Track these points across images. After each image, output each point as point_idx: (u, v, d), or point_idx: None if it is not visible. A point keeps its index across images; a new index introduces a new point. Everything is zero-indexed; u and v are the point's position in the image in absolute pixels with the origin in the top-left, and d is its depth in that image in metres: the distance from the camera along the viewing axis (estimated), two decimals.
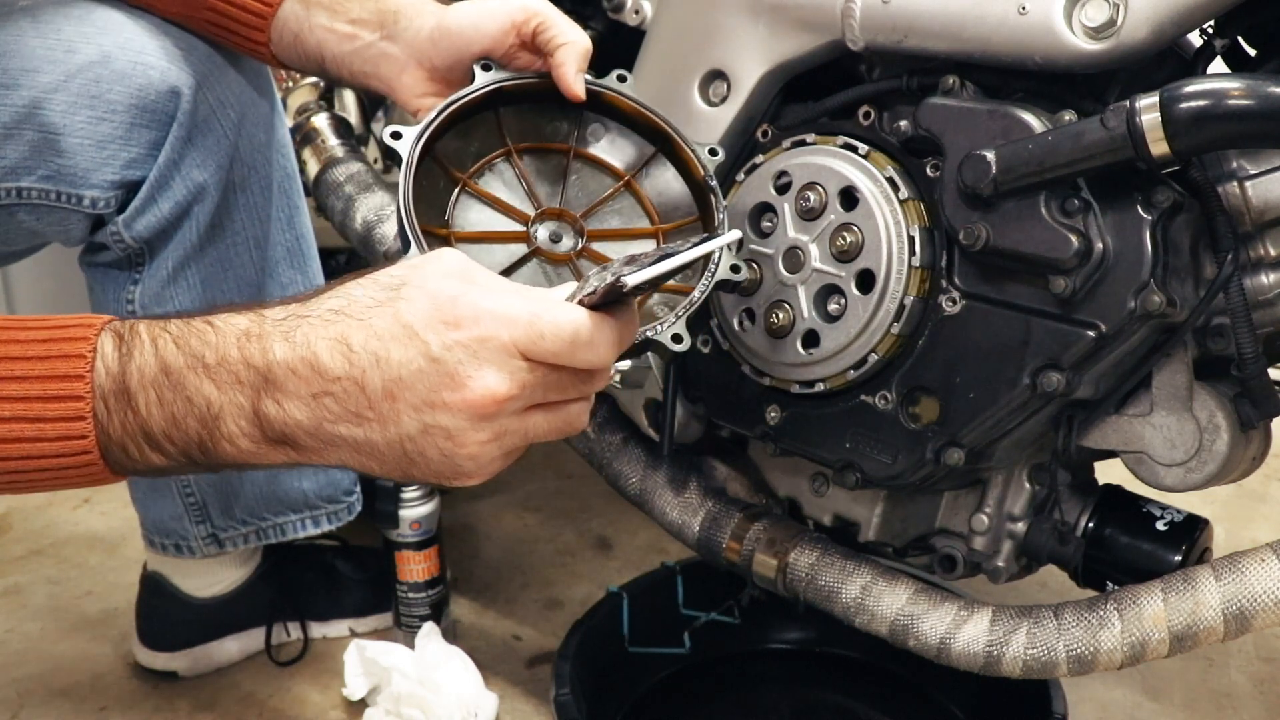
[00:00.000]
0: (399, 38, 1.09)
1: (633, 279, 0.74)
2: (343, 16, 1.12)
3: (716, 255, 1.01)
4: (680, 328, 0.96)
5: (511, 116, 1.08)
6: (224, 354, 0.78)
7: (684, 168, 1.10)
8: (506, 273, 1.00)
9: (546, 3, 1.06)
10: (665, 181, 1.11)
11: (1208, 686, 1.48)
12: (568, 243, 1.04)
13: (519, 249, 1.03)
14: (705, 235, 0.86)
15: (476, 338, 0.75)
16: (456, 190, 1.04)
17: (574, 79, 1.04)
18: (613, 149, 1.10)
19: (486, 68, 1.05)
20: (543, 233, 1.04)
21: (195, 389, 0.78)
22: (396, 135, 0.99)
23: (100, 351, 0.79)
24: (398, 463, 0.78)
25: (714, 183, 1.07)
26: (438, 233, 1.00)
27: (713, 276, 1.00)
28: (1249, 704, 1.46)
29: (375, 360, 0.75)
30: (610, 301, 0.78)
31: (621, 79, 1.09)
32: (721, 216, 1.06)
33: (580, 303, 0.78)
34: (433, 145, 1.02)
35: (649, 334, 0.95)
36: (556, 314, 0.76)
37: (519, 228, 1.04)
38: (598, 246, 1.05)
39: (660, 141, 1.10)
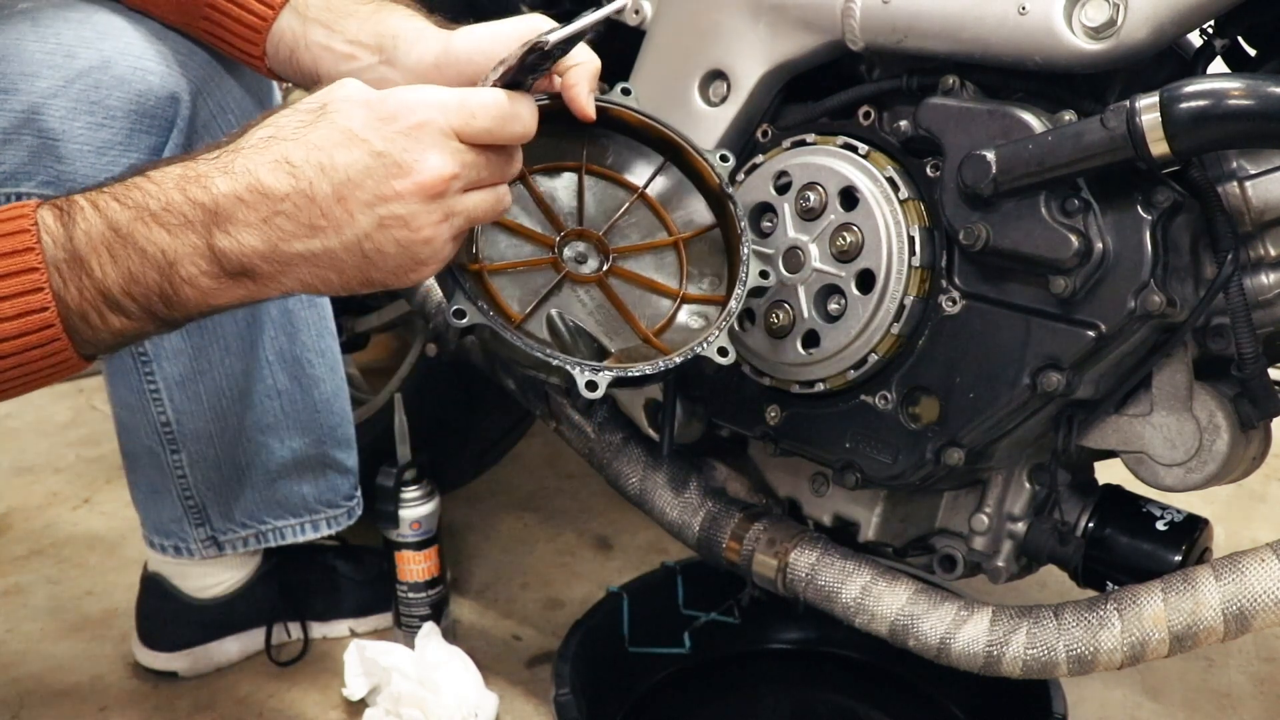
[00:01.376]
0: (399, 63, 1.06)
1: (554, 36, 0.84)
2: (340, 36, 1.09)
3: (745, 266, 1.03)
4: (724, 340, 0.99)
5: (600, 139, 1.07)
6: (168, 200, 0.80)
7: (696, 176, 1.09)
8: (541, 303, 1.00)
9: (550, 21, 1.03)
10: (674, 190, 1.09)
11: (1208, 686, 1.48)
12: (593, 263, 1.04)
13: (550, 276, 1.01)
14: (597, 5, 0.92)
15: (415, 124, 0.81)
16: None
17: (586, 100, 1.01)
18: (622, 162, 1.09)
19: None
20: (568, 254, 1.03)
21: (146, 239, 0.79)
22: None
23: (42, 224, 0.79)
24: (357, 267, 0.82)
25: (730, 190, 1.06)
26: (470, 268, 0.98)
27: (744, 285, 1.02)
28: (1249, 704, 1.46)
29: (320, 169, 0.79)
30: (518, 81, 0.88)
31: (626, 92, 1.07)
32: (742, 224, 1.05)
33: (495, 84, 0.87)
34: None
35: (696, 350, 0.98)
36: (482, 95, 0.84)
37: (546, 254, 1.02)
38: (624, 263, 1.04)
39: (669, 151, 1.09)
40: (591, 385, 0.93)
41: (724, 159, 1.09)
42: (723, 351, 0.99)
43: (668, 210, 1.08)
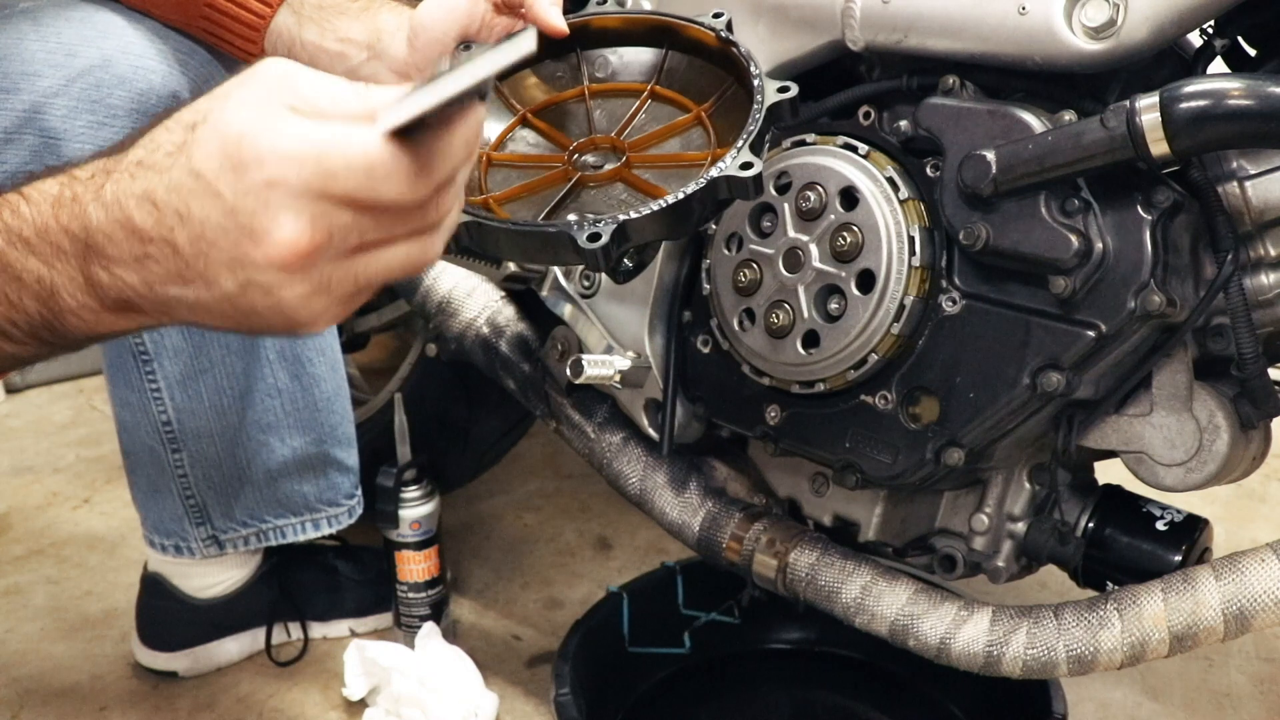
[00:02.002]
0: (385, 56, 1.07)
1: (384, 122, 0.64)
2: (332, 34, 1.09)
3: (759, 86, 0.94)
4: (747, 155, 0.89)
5: (513, 84, 1.05)
6: (41, 224, 0.72)
7: (698, 47, 1.03)
8: (557, 209, 0.92)
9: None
10: (687, 72, 1.04)
11: (1208, 686, 1.48)
12: (610, 165, 0.98)
13: (562, 187, 0.96)
14: (505, 38, 0.71)
15: (265, 182, 0.65)
16: (513, 122, 1.01)
17: (549, 13, 0.99)
18: (626, 72, 1.06)
19: (467, 47, 1.00)
20: (584, 159, 0.99)
21: (22, 266, 0.72)
22: (466, 46, 0.98)
23: None
24: (235, 320, 0.71)
25: (729, 35, 1.00)
26: (473, 201, 0.94)
27: (762, 99, 0.93)
28: (1249, 704, 1.46)
29: (179, 218, 0.68)
30: (418, 125, 0.66)
31: (717, 15, 1.02)
32: (756, 70, 0.97)
33: (385, 130, 0.66)
34: (501, 80, 1.00)
35: (714, 173, 0.87)
36: (348, 147, 0.65)
37: (559, 153, 0.99)
38: (647, 153, 0.99)
39: (666, 39, 1.04)
40: (594, 236, 0.84)
41: (716, 15, 1.02)
42: (746, 165, 0.88)
43: (686, 94, 1.03)
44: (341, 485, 1.48)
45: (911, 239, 1.06)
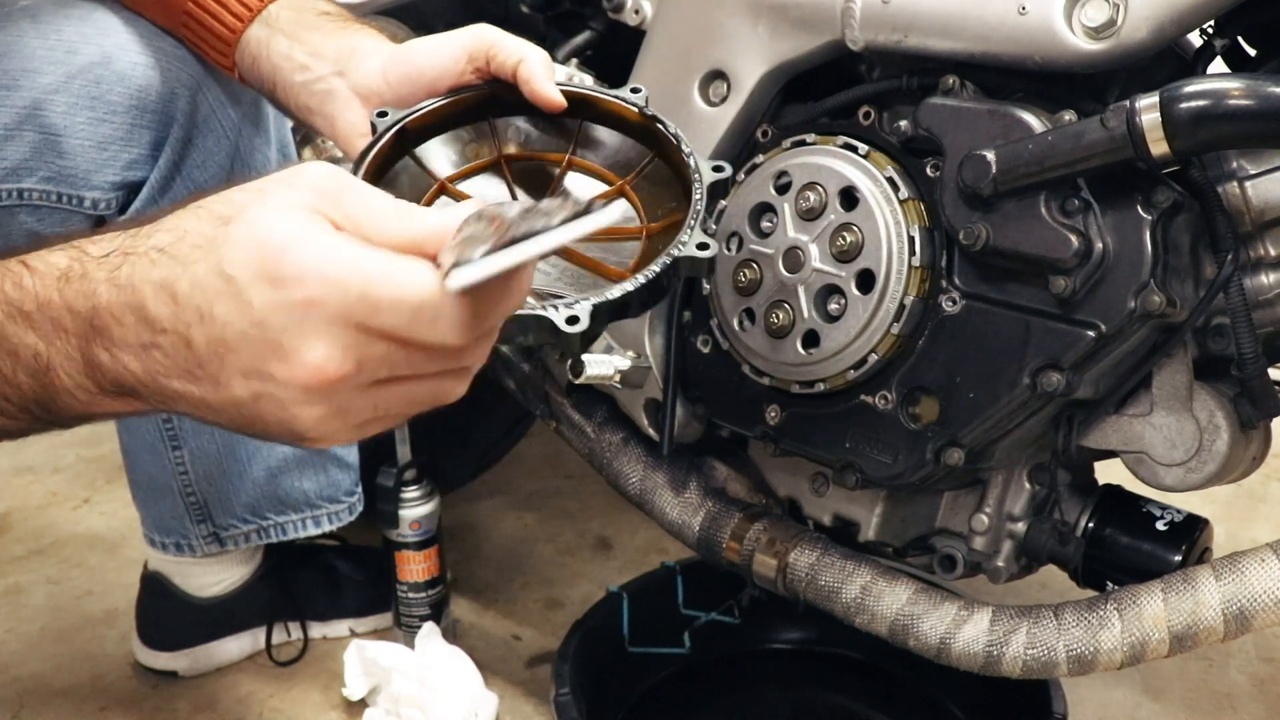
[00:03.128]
0: (350, 75, 1.05)
1: (452, 282, 0.62)
2: (302, 47, 1.08)
3: (693, 166, 0.95)
4: (700, 236, 0.90)
5: (508, 127, 1.05)
6: (44, 299, 0.69)
7: (617, 120, 1.04)
8: None
9: (497, 29, 1.02)
10: (604, 144, 1.05)
11: (1208, 686, 1.48)
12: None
13: None
14: (588, 206, 0.72)
15: (302, 302, 0.62)
16: (432, 192, 1.00)
17: (544, 86, 0.98)
18: (538, 139, 1.05)
19: (382, 114, 0.97)
20: None
21: (19, 340, 0.69)
22: (383, 114, 0.97)
23: None
24: (240, 423, 0.69)
25: (653, 112, 1.00)
26: None
27: (701, 182, 0.95)
28: (1249, 704, 1.46)
29: (199, 316, 0.65)
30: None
31: (635, 91, 1.03)
32: (676, 135, 0.98)
33: (439, 270, 0.64)
34: (414, 145, 0.99)
35: (674, 253, 0.89)
36: (398, 283, 0.63)
37: None
38: (578, 247, 0.98)
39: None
40: (573, 320, 0.83)
41: (635, 90, 1.03)
42: (703, 246, 0.89)
43: (603, 166, 1.04)
44: (342, 482, 1.48)
45: (911, 239, 1.06)
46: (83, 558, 1.80)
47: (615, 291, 0.86)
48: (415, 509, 1.50)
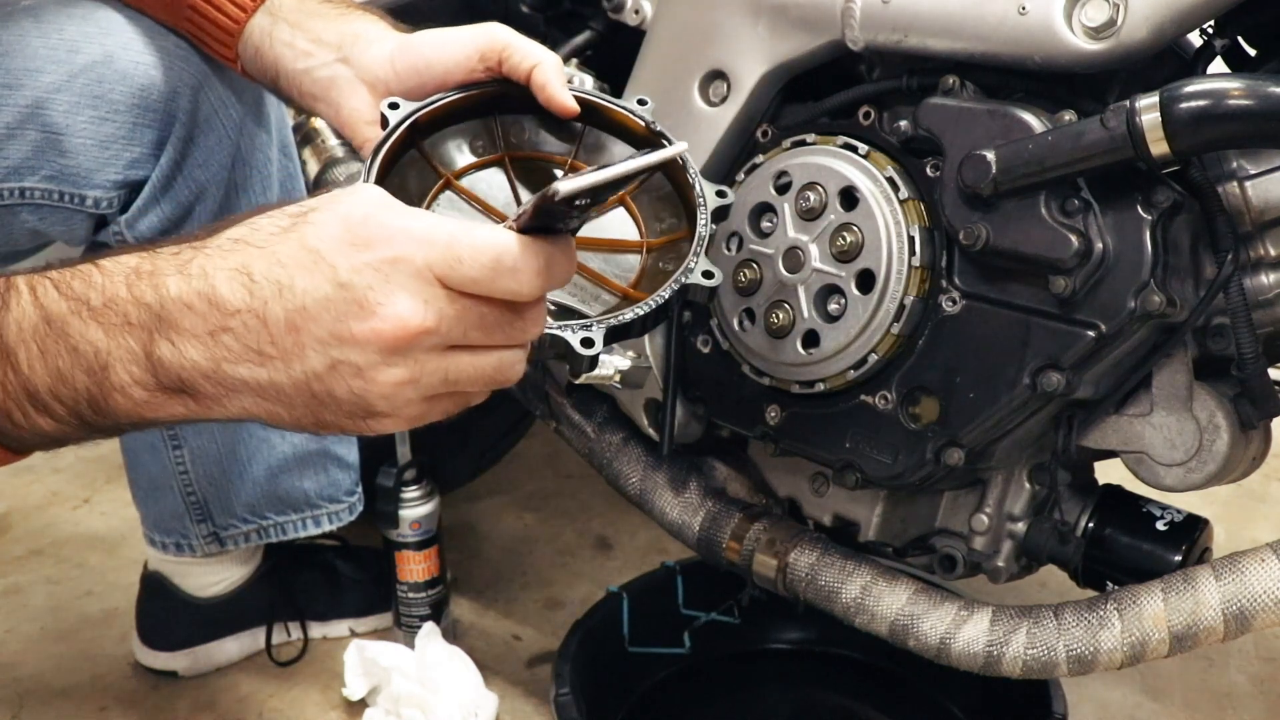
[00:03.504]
0: (355, 61, 1.04)
1: (564, 186, 0.67)
2: (304, 34, 1.07)
3: (699, 191, 0.98)
4: (705, 264, 0.93)
5: (513, 125, 1.05)
6: (111, 294, 0.70)
7: (621, 130, 1.05)
8: None
9: (510, 30, 1.02)
10: (606, 150, 1.06)
11: (1208, 686, 1.48)
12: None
13: None
14: (647, 149, 0.78)
15: (388, 259, 0.67)
16: (438, 187, 1.00)
17: (559, 92, 0.99)
18: (542, 140, 1.05)
19: (394, 106, 0.98)
20: None
21: (80, 335, 0.70)
22: (394, 105, 0.97)
23: None
24: (307, 406, 0.71)
25: (659, 127, 1.02)
26: None
27: (705, 208, 0.97)
28: (1249, 704, 1.46)
29: (278, 289, 0.68)
30: (542, 226, 0.72)
31: (642, 103, 1.04)
32: (693, 172, 1.00)
33: (510, 227, 0.71)
34: (422, 137, 0.99)
35: (682, 279, 0.92)
36: (477, 235, 0.69)
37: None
38: (580, 257, 0.98)
39: (587, 117, 1.04)
40: (587, 342, 0.85)
41: (641, 102, 1.04)
42: (708, 274, 0.93)
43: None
44: (342, 482, 1.48)
45: (911, 239, 1.06)
46: (83, 558, 1.80)
47: (627, 315, 0.89)
48: (415, 509, 1.50)
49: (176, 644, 1.51)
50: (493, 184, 1.02)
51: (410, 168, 0.99)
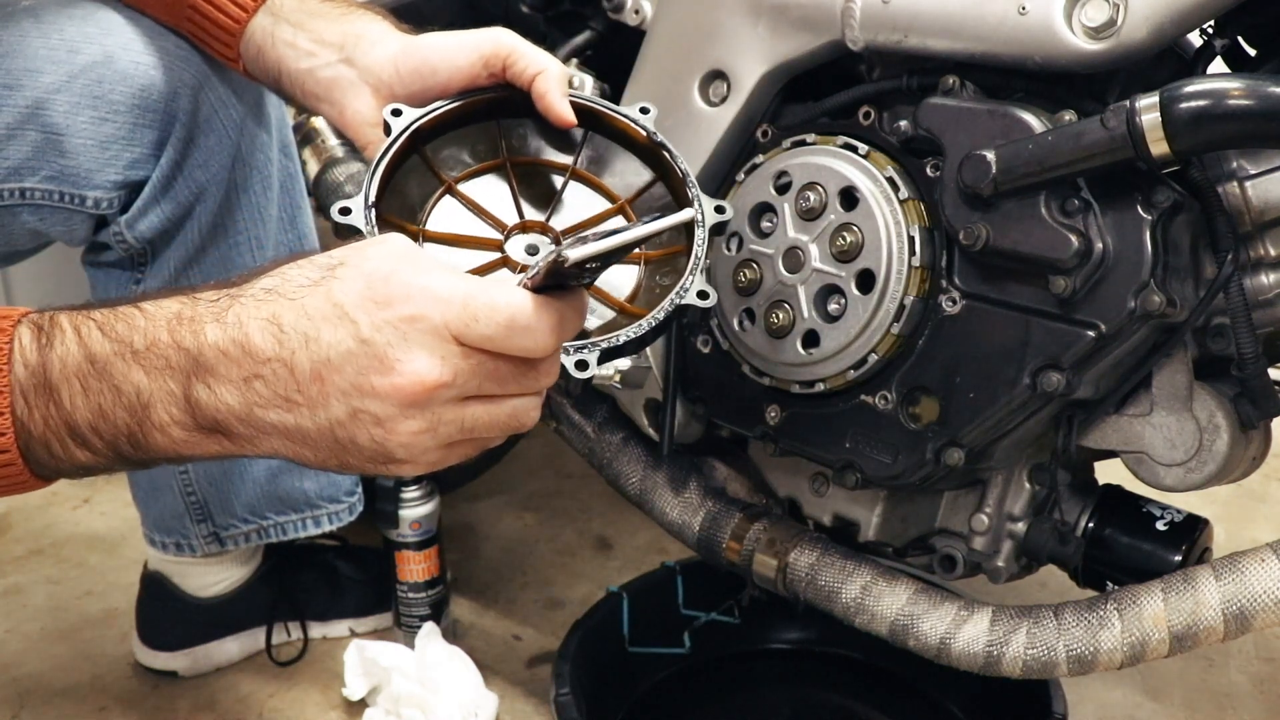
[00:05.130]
0: (358, 61, 1.04)
1: (574, 254, 0.71)
2: (307, 34, 1.07)
3: (697, 205, 0.99)
4: (701, 284, 0.94)
5: (515, 130, 1.05)
6: (154, 338, 0.75)
7: (623, 138, 1.05)
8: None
9: (515, 35, 1.02)
10: (608, 158, 1.06)
11: (1208, 686, 1.48)
12: (545, 251, 0.99)
13: (488, 256, 0.98)
14: (656, 215, 0.81)
15: (406, 317, 0.72)
16: (439, 192, 1.00)
17: (558, 102, 0.99)
18: (543, 147, 1.05)
19: (396, 113, 0.98)
20: (516, 244, 0.99)
21: (123, 376, 0.75)
22: (397, 113, 0.97)
23: (18, 343, 0.75)
24: (331, 450, 0.75)
25: (660, 138, 1.03)
26: (408, 228, 0.96)
27: (704, 224, 0.98)
28: (1249, 704, 1.46)
29: (305, 341, 0.72)
30: (554, 285, 0.75)
31: (644, 111, 1.05)
32: (683, 167, 1.01)
33: (523, 286, 0.74)
34: (424, 143, 0.99)
35: (677, 300, 0.93)
36: (493, 295, 0.72)
37: (494, 235, 0.99)
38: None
39: (588, 120, 1.05)
40: (581, 365, 0.87)
41: (644, 110, 1.05)
42: (703, 295, 0.94)
43: (605, 179, 1.05)
44: (342, 482, 1.48)
45: (911, 239, 1.06)
46: (83, 558, 1.80)
47: (620, 337, 0.90)
48: (415, 509, 1.50)
49: (176, 644, 1.51)
50: (494, 189, 1.02)
51: (412, 174, 0.99)
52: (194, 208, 1.24)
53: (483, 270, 0.97)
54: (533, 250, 0.99)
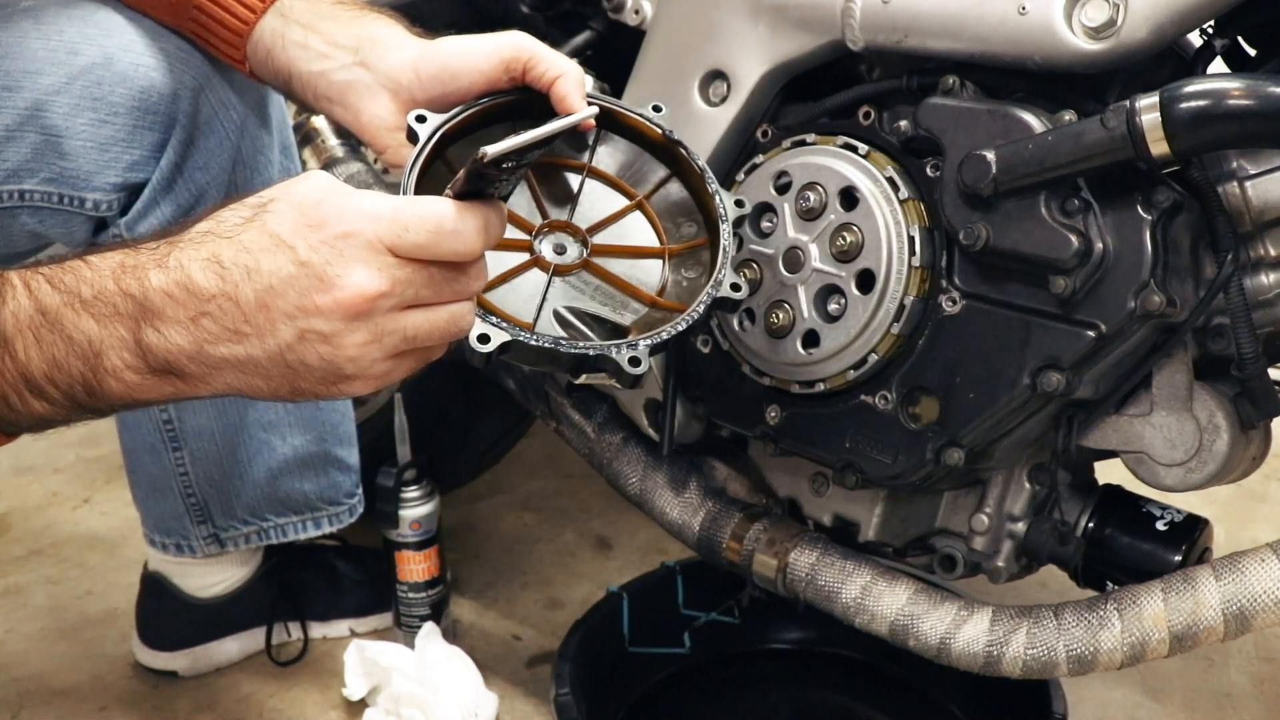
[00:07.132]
0: (374, 65, 1.04)
1: (491, 149, 0.74)
2: (318, 36, 1.07)
3: (719, 200, 1.02)
4: (733, 276, 0.99)
5: (530, 129, 1.06)
6: (100, 288, 0.77)
7: (637, 135, 1.07)
8: (544, 303, 0.98)
9: (533, 39, 1.02)
10: (624, 156, 1.08)
11: (1208, 686, 1.48)
12: (573, 250, 1.01)
13: (520, 257, 1.00)
14: (558, 116, 0.86)
15: (340, 234, 0.75)
16: None
17: (579, 106, 1.00)
18: (560, 147, 1.06)
19: (421, 119, 0.99)
20: (546, 244, 1.01)
21: (74, 326, 0.77)
22: (421, 119, 0.97)
23: None
24: (283, 376, 0.78)
25: (675, 135, 1.05)
26: None
27: (726, 218, 1.02)
28: (1249, 704, 1.46)
29: (246, 273, 0.76)
30: (476, 191, 0.79)
31: (657, 109, 1.06)
32: (699, 163, 1.04)
33: (446, 194, 0.78)
34: (447, 147, 1.00)
35: (714, 293, 0.97)
36: (419, 206, 0.77)
37: (523, 237, 1.01)
38: (602, 262, 1.02)
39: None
40: (634, 361, 0.92)
41: (656, 109, 1.06)
42: (735, 286, 0.99)
43: (623, 177, 1.07)
44: (342, 484, 1.48)
45: (911, 239, 1.06)
46: (83, 558, 1.80)
47: (665, 333, 0.95)
48: (415, 509, 1.50)
49: (176, 644, 1.51)
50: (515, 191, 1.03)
51: (436, 179, 0.99)
52: (194, 210, 1.23)
53: (517, 271, 0.99)
54: (561, 249, 1.01)
